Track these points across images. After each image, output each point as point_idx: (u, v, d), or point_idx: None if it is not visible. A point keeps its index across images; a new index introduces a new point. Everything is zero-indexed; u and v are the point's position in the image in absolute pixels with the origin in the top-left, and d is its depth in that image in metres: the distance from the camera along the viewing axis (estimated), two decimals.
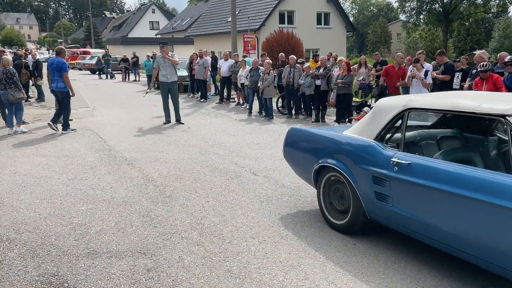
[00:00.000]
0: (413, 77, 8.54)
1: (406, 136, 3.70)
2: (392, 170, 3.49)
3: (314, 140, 4.57)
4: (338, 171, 4.05)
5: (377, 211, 3.76)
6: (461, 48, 44.44)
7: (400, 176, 3.42)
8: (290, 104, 11.60)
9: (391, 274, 3.42)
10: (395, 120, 3.73)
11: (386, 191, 3.56)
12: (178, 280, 3.30)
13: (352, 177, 3.89)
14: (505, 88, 7.31)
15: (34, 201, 5.03)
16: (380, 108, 3.93)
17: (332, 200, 4.34)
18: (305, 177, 4.78)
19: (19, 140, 8.46)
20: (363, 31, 75.48)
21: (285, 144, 4.98)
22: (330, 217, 4.32)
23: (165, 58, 10.21)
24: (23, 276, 3.35)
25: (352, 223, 4.04)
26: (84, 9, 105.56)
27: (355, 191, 3.89)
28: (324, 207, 4.41)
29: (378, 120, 3.86)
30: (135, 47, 32.01)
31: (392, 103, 3.84)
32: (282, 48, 18.35)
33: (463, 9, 40.98)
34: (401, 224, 3.56)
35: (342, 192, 4.17)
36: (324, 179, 4.35)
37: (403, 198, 3.46)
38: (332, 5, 29.01)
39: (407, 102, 3.66)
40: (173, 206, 4.90)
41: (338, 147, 4.17)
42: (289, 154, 4.97)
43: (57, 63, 9.07)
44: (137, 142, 8.34)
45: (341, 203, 4.22)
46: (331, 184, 4.32)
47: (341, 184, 4.15)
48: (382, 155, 3.64)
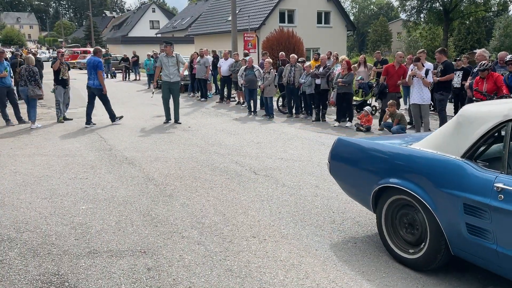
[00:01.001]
0: (414, 76, 8.53)
1: (510, 154, 2.96)
2: (496, 198, 2.76)
3: (374, 154, 3.78)
4: (409, 194, 3.33)
5: (467, 248, 3.03)
6: (461, 47, 44.44)
7: (508, 207, 2.70)
8: (290, 103, 11.60)
9: (392, 273, 3.42)
10: (492, 133, 3.02)
11: (485, 225, 2.85)
12: (178, 279, 3.30)
13: (431, 203, 3.15)
14: (505, 87, 7.31)
15: (34, 200, 5.03)
16: (469, 117, 3.18)
17: (398, 228, 3.60)
18: (359, 198, 4.06)
19: (19, 140, 8.46)
20: (363, 30, 75.46)
21: (331, 157, 4.22)
22: (397, 248, 3.57)
23: (169, 57, 10.20)
24: (24, 275, 3.35)
25: (428, 259, 3.30)
26: (84, 9, 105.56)
27: (435, 220, 3.16)
28: (387, 236, 3.67)
29: (467, 133, 3.12)
30: (135, 46, 32.02)
31: (486, 112, 3.10)
32: (283, 47, 18.35)
33: (463, 8, 40.98)
34: (509, 269, 2.81)
35: (412, 219, 3.45)
36: (387, 203, 3.62)
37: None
38: (332, 4, 29.01)
39: (509, 111, 2.93)
40: (174, 205, 4.90)
41: (409, 165, 3.41)
42: (337, 170, 4.19)
43: (94, 62, 9.87)
44: (137, 141, 8.34)
45: (410, 232, 3.49)
46: (397, 209, 3.60)
47: (412, 209, 3.43)
48: (478, 179, 2.92)
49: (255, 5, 29.00)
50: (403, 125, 8.69)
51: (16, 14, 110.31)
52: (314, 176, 6.02)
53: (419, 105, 8.65)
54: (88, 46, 49.07)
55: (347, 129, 9.79)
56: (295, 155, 7.30)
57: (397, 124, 8.63)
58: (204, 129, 9.64)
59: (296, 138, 8.76)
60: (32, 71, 9.87)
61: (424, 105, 8.63)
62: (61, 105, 10.56)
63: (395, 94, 9.64)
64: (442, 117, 8.83)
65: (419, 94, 8.56)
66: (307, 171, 6.26)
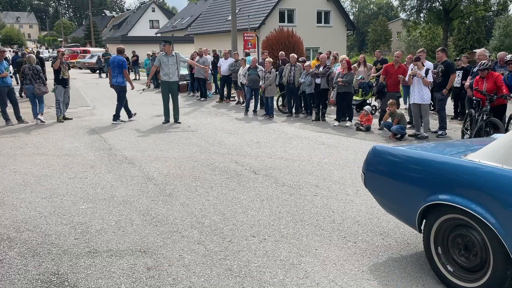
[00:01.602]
0: (414, 76, 8.53)
1: None
2: None
3: (420, 167, 3.29)
4: (467, 213, 2.89)
5: None
6: (461, 46, 44.48)
7: None
8: (290, 103, 11.59)
9: (392, 272, 3.42)
10: None
11: None
12: (178, 278, 3.30)
13: (497, 225, 2.72)
14: (505, 86, 7.32)
15: (34, 200, 5.03)
16: None
17: (451, 251, 3.15)
18: (401, 216, 3.60)
19: (19, 139, 8.46)
20: (363, 29, 75.46)
21: (366, 168, 3.76)
22: (450, 275, 3.13)
23: (168, 57, 10.17)
24: (24, 275, 3.35)
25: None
26: (84, 8, 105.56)
27: (501, 244, 2.73)
28: (437, 261, 3.22)
29: None
30: (135, 46, 31.98)
31: None
32: (283, 46, 18.33)
33: (463, 7, 41.01)
34: None
35: (470, 241, 2.99)
36: (437, 223, 3.17)
37: None
38: (332, 4, 28.98)
39: None
40: (174, 204, 4.90)
41: (467, 180, 2.93)
42: (374, 184, 3.75)
43: (118, 61, 10.41)
44: (137, 140, 8.34)
45: (466, 257, 3.04)
46: (449, 229, 3.14)
47: (469, 231, 2.99)
48: None
49: (255, 4, 28.99)
50: (403, 124, 8.69)
51: (16, 14, 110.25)
52: (314, 176, 6.02)
53: (419, 105, 8.65)
54: (87, 45, 49.07)
55: (347, 128, 9.78)
56: (295, 154, 7.30)
57: (397, 124, 8.63)
58: (204, 129, 9.64)
59: (296, 137, 8.76)
60: (36, 69, 10.19)
61: (424, 105, 8.63)
62: (61, 105, 10.56)
63: (394, 93, 9.63)
64: (441, 116, 8.83)
65: (419, 94, 8.56)
66: (307, 171, 6.26)
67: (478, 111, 7.44)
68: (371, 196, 5.14)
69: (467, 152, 3.21)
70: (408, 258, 3.64)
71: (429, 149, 3.66)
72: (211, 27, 31.64)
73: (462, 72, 9.97)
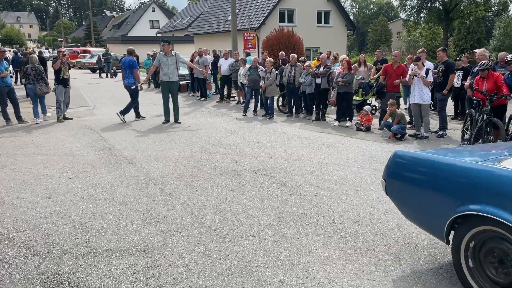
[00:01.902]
0: (414, 76, 8.53)
1: None
2: None
3: (449, 174, 3.03)
4: (503, 225, 2.68)
5: None
6: (461, 46, 44.48)
7: None
8: (290, 103, 11.59)
9: (392, 272, 3.42)
10: None
11: None
12: (178, 278, 3.30)
13: None
14: (506, 86, 7.31)
15: (34, 199, 5.03)
16: None
17: (484, 266, 2.93)
18: (427, 226, 3.36)
19: (19, 139, 8.46)
20: (363, 29, 75.46)
21: (388, 174, 3.52)
22: None
23: (168, 56, 10.17)
24: (24, 274, 3.35)
25: None
26: (84, 8, 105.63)
27: None
28: (468, 276, 3.00)
29: None
30: (135, 45, 31.82)
31: None
32: (283, 46, 18.33)
33: (463, 8, 41.00)
34: None
35: (506, 255, 2.77)
36: (468, 235, 2.95)
37: None
38: (332, 4, 28.98)
39: None
40: (174, 204, 4.90)
41: (505, 190, 2.68)
42: (396, 191, 3.50)
43: (129, 62, 10.51)
44: (137, 140, 8.34)
45: (502, 272, 2.81)
46: (481, 241, 2.93)
47: (504, 243, 2.77)
48: None
49: (255, 4, 29.00)
50: (403, 124, 8.69)
51: (16, 14, 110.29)
52: (314, 176, 6.02)
53: (419, 105, 8.65)
54: (88, 45, 49.09)
55: (347, 128, 9.78)
56: (295, 154, 7.30)
57: (397, 124, 8.63)
58: (204, 129, 9.64)
59: (296, 137, 8.76)
60: (38, 70, 10.29)
61: (424, 105, 8.63)
62: (61, 105, 10.56)
63: (394, 93, 9.63)
64: (442, 116, 8.83)
65: (420, 94, 8.56)
66: (307, 171, 6.26)
67: (478, 111, 7.44)
68: (371, 196, 5.16)
69: (500, 158, 3.00)
70: (408, 258, 3.64)
71: (456, 154, 3.39)
72: (211, 27, 31.64)
73: (462, 72, 9.97)
